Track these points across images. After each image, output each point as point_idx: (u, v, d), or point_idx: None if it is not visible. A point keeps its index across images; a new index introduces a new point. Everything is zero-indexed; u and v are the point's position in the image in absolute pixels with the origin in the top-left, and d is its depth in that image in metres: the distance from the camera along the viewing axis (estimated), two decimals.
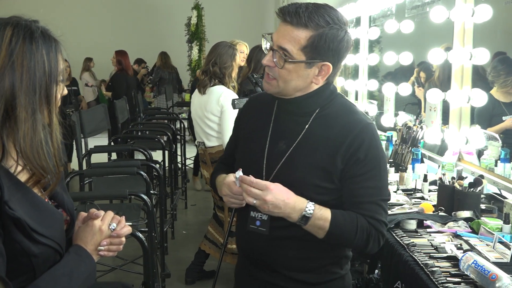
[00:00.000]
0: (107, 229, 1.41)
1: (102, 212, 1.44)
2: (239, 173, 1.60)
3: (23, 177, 1.26)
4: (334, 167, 1.61)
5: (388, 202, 1.71)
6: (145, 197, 2.89)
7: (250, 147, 1.76)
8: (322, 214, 1.58)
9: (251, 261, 1.78)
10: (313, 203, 1.58)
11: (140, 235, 2.32)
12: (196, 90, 3.79)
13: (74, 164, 6.99)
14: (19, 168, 1.25)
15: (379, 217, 1.63)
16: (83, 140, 4.26)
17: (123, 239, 1.45)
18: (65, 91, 1.37)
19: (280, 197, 1.55)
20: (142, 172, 3.28)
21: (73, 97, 7.20)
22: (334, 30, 1.57)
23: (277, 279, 1.71)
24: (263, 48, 1.72)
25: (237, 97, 3.52)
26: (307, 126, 1.66)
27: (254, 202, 1.55)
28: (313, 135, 1.65)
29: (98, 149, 4.23)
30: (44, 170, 1.26)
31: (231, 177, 1.64)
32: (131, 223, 2.92)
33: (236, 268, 1.91)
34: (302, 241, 1.65)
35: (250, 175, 1.58)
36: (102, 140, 5.14)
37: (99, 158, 4.81)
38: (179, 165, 6.35)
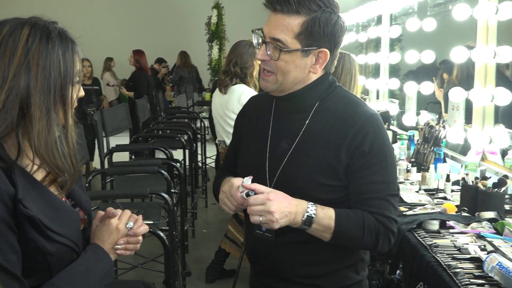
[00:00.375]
0: (124, 228, 1.43)
1: (119, 211, 1.46)
2: (248, 180, 1.51)
3: (39, 175, 1.28)
4: (339, 163, 1.54)
5: (397, 196, 1.64)
6: (166, 195, 2.91)
7: (252, 149, 1.70)
8: (326, 213, 1.51)
9: (257, 267, 1.75)
10: (313, 203, 1.51)
11: (161, 233, 2.33)
12: (217, 90, 3.80)
13: (96, 163, 7.07)
14: (35, 167, 1.26)
15: (388, 213, 1.55)
16: (104, 139, 4.30)
17: (140, 238, 1.47)
18: (82, 93, 1.38)
19: (282, 204, 1.47)
20: (163, 171, 3.30)
21: (94, 96, 7.26)
22: (327, 13, 1.51)
23: (286, 285, 1.65)
24: (254, 44, 1.64)
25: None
26: (307, 121, 1.60)
27: (261, 219, 1.46)
28: (314, 131, 1.58)
29: (120, 148, 4.26)
30: (59, 169, 1.27)
31: (238, 180, 1.54)
32: (152, 222, 2.96)
33: (250, 276, 1.87)
34: (310, 244, 1.59)
35: (255, 183, 1.51)
36: (123, 139, 5.18)
37: (120, 157, 4.85)
38: (200, 164, 6.37)
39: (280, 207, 1.46)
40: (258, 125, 1.71)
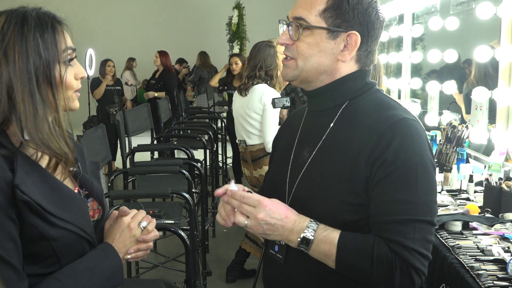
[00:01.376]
0: (136, 227, 1.40)
1: (134, 210, 1.44)
2: (232, 185, 1.33)
3: (44, 163, 1.27)
4: (358, 176, 1.28)
5: (432, 227, 1.29)
6: (187, 195, 2.93)
7: (278, 161, 1.54)
8: (327, 236, 1.27)
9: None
10: (316, 222, 1.29)
11: (182, 233, 2.34)
12: (236, 92, 3.82)
13: (117, 163, 7.14)
14: (39, 154, 1.26)
15: (407, 242, 1.23)
16: (126, 139, 4.35)
17: (151, 243, 1.44)
18: (83, 74, 1.34)
19: (276, 215, 1.27)
20: (184, 171, 3.32)
21: (116, 96, 7.33)
22: None
23: None
24: (280, 32, 1.45)
25: (278, 95, 3.52)
26: (331, 125, 1.38)
27: (246, 222, 1.28)
28: (336, 137, 1.36)
29: (142, 148, 4.30)
30: (52, 149, 1.25)
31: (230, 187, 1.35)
32: (173, 221, 2.98)
33: None
34: (323, 277, 1.36)
35: (250, 190, 1.33)
36: (143, 139, 5.23)
37: (141, 156, 4.90)
38: (220, 164, 6.39)
39: (271, 218, 1.27)
40: (289, 136, 1.54)
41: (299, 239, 1.28)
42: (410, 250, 1.23)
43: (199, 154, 5.08)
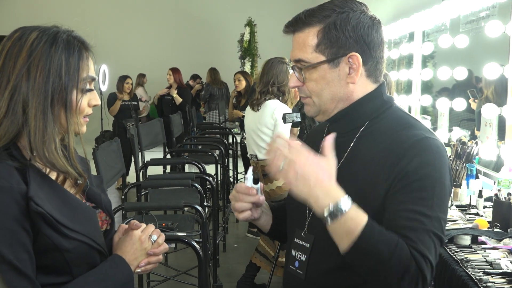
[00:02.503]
0: (147, 240, 1.43)
1: (143, 224, 1.47)
2: (250, 172, 1.41)
3: (54, 175, 1.31)
4: (379, 194, 1.29)
5: (441, 241, 1.28)
6: (199, 208, 2.98)
7: None
8: (357, 215, 1.23)
9: None
10: (351, 199, 1.23)
11: (196, 245, 2.38)
12: (248, 108, 3.87)
13: (129, 177, 7.21)
14: (48, 169, 1.29)
15: (426, 252, 1.22)
16: (139, 153, 4.42)
17: (161, 256, 1.47)
18: (96, 102, 1.38)
19: (315, 168, 1.23)
20: (196, 185, 3.37)
21: (133, 111, 7.43)
22: (344, 14, 1.34)
23: None
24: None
25: (290, 111, 3.57)
26: (351, 145, 1.40)
27: (282, 163, 1.25)
28: (357, 155, 1.37)
29: (155, 162, 4.37)
30: (56, 167, 1.28)
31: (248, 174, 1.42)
32: (185, 234, 3.02)
33: None
34: None
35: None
36: (155, 153, 5.30)
37: (153, 170, 4.96)
38: (231, 179, 6.43)
39: (309, 166, 1.24)
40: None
41: (329, 206, 1.21)
42: (427, 259, 1.22)
43: (210, 169, 5.13)
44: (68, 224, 1.26)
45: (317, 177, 1.23)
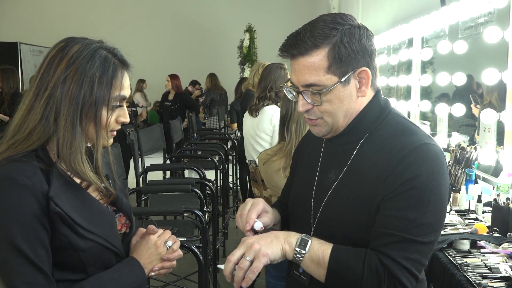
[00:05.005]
0: (162, 245, 1.48)
1: (160, 230, 1.52)
2: (259, 224, 1.46)
3: (78, 179, 1.36)
4: (374, 199, 1.33)
5: (430, 251, 1.32)
6: (199, 213, 2.99)
7: (302, 180, 1.58)
8: (321, 243, 1.33)
9: None
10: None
11: (196, 250, 2.39)
12: (247, 113, 3.88)
13: (129, 183, 7.21)
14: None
15: (400, 259, 1.26)
16: (139, 158, 4.42)
17: (174, 262, 1.52)
18: (125, 119, 1.42)
19: (265, 235, 1.35)
20: (196, 190, 3.38)
21: (132, 117, 7.46)
22: (347, 30, 1.34)
23: None
24: (290, 98, 1.49)
25: None
26: (355, 152, 1.42)
27: (248, 258, 1.32)
28: (361, 161, 1.40)
29: (155, 167, 4.37)
30: (80, 176, 1.34)
31: (255, 200, 1.51)
32: (185, 239, 3.02)
33: None
34: None
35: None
36: (155, 159, 5.30)
37: (153, 176, 4.96)
38: (231, 185, 6.43)
39: (259, 237, 1.34)
40: (311, 156, 1.58)
41: (296, 242, 1.33)
42: (399, 265, 1.26)
43: (210, 174, 5.13)
44: (85, 225, 1.31)
45: (271, 235, 1.34)
